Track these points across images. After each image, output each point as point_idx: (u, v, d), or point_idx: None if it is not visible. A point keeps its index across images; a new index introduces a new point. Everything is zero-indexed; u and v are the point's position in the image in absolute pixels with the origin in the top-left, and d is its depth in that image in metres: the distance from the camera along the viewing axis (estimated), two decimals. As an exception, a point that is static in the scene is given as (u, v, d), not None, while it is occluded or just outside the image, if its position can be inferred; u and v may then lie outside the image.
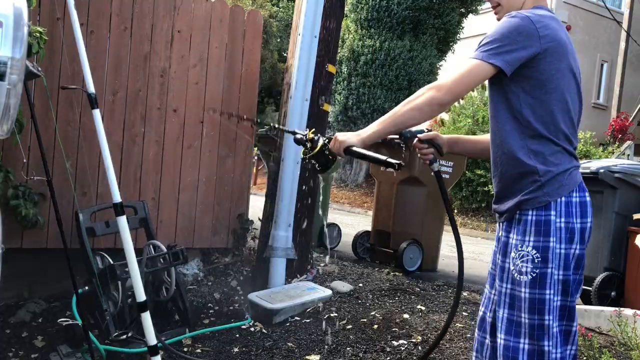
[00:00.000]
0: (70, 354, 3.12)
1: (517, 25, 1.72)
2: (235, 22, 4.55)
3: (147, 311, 2.80)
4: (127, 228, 2.85)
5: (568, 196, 1.75)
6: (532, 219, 1.75)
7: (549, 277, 1.72)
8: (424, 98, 1.75)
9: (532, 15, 1.74)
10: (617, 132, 13.02)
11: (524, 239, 1.75)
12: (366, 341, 3.36)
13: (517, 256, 1.77)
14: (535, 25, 1.72)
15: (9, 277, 3.46)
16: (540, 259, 1.73)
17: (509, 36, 1.71)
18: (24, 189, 3.51)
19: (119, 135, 4.03)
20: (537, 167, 1.75)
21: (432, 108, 1.75)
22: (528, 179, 1.76)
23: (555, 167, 1.75)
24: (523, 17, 1.73)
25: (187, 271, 4.35)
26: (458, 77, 1.73)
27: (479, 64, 1.72)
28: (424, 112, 1.75)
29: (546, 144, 1.76)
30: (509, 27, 1.73)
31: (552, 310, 1.73)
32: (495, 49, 1.71)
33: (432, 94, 1.73)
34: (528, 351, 1.74)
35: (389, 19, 12.73)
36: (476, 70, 1.73)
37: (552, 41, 1.73)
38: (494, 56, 1.71)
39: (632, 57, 14.86)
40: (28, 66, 2.29)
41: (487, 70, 1.72)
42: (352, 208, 12.52)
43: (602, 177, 4.63)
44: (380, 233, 5.80)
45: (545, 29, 1.73)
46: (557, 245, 1.74)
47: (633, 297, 4.49)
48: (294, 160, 4.18)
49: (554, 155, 1.76)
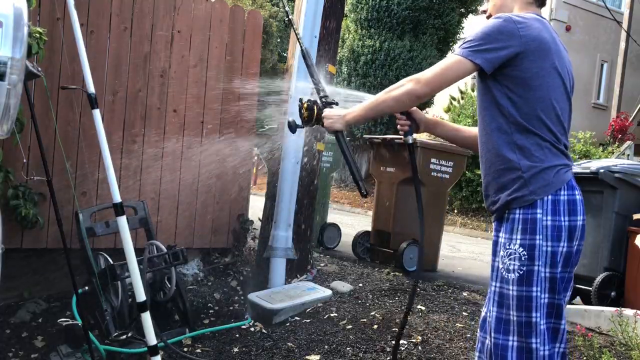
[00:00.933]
0: (70, 354, 3.12)
1: (499, 25, 1.78)
2: (235, 22, 4.55)
3: (147, 311, 2.80)
4: (127, 228, 2.85)
5: (555, 194, 1.77)
6: (519, 217, 1.78)
7: (535, 275, 1.75)
8: (403, 89, 1.85)
9: (515, 16, 1.81)
10: (617, 132, 13.02)
11: (512, 237, 1.78)
12: (366, 341, 3.36)
13: (505, 254, 1.80)
14: (517, 25, 1.77)
15: (9, 277, 3.47)
16: (527, 257, 1.75)
17: (490, 35, 1.77)
18: (24, 189, 3.51)
19: (119, 135, 4.03)
20: (519, 163, 1.78)
21: (410, 99, 1.86)
22: (511, 175, 1.79)
23: (540, 163, 1.77)
24: (506, 17, 1.80)
25: (187, 271, 4.35)
26: (439, 71, 1.81)
27: (459, 60, 1.79)
28: (402, 102, 1.88)
29: (531, 140, 1.78)
30: (492, 26, 1.79)
31: (539, 308, 1.75)
32: (476, 46, 1.77)
33: (411, 86, 1.83)
34: (517, 348, 1.76)
35: (389, 19, 12.73)
36: (456, 66, 1.79)
37: (533, 41, 1.77)
38: (475, 54, 1.77)
39: (632, 57, 14.85)
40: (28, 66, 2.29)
41: (467, 66, 1.79)
42: (352, 208, 12.52)
43: (602, 177, 4.63)
44: (380, 233, 5.80)
45: (526, 29, 1.77)
46: (543, 243, 1.75)
47: (633, 297, 4.48)
48: (294, 160, 4.19)
49: (540, 151, 1.78)
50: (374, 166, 5.97)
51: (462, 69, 1.79)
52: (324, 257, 5.53)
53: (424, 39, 12.91)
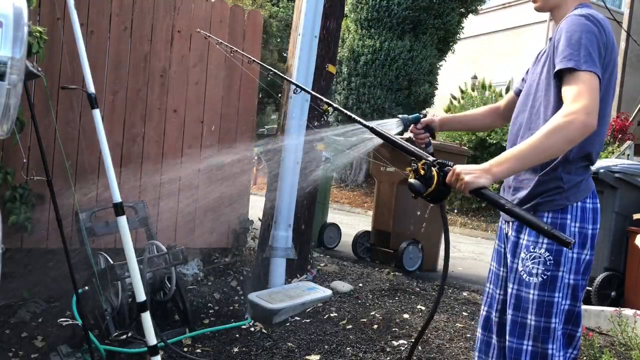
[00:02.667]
0: (70, 354, 3.12)
1: (590, 28, 1.65)
2: (235, 22, 4.55)
3: (147, 311, 2.79)
4: (127, 228, 2.85)
5: (583, 201, 1.75)
6: (547, 221, 1.74)
7: (559, 281, 1.72)
8: (577, 126, 1.56)
9: (597, 15, 1.69)
10: (617, 132, 13.00)
11: (537, 240, 1.74)
12: (366, 341, 3.36)
13: (527, 257, 1.76)
14: (603, 29, 1.67)
15: (9, 277, 3.48)
16: (553, 262, 1.72)
17: (591, 41, 1.63)
18: (23, 190, 3.50)
19: (119, 135, 4.03)
20: (562, 176, 1.74)
21: (585, 134, 1.59)
22: (550, 184, 1.75)
23: (580, 177, 1.76)
24: (593, 19, 1.67)
25: (187, 271, 4.35)
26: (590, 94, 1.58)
27: (592, 76, 1.61)
28: (576, 142, 1.60)
29: (581, 155, 1.74)
30: (587, 29, 1.65)
31: (558, 314, 1.73)
32: (588, 55, 1.62)
33: (583, 119, 1.55)
34: (531, 353, 1.73)
35: (389, 19, 12.73)
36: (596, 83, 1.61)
37: (612, 46, 1.69)
38: (594, 65, 1.61)
39: (632, 57, 14.85)
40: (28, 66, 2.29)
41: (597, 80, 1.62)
42: (352, 208, 12.51)
43: (602, 177, 4.63)
44: (380, 233, 5.80)
45: (608, 33, 1.69)
46: (570, 250, 1.73)
47: (633, 297, 4.49)
48: (294, 160, 4.18)
49: (582, 165, 1.77)
50: (374, 166, 5.97)
51: (596, 83, 1.61)
52: (324, 257, 5.53)
53: (424, 38, 12.91)
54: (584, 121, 1.55)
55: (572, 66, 1.61)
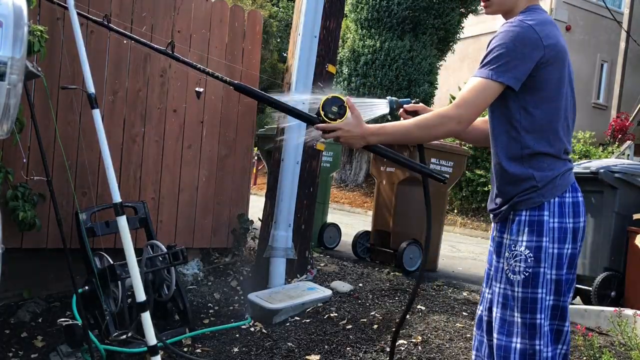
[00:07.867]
0: (70, 354, 3.13)
1: (522, 37, 1.68)
2: (235, 22, 4.55)
3: (147, 311, 2.80)
4: (127, 228, 2.85)
5: (561, 196, 1.77)
6: (525, 219, 1.77)
7: (541, 277, 1.74)
8: (445, 130, 1.78)
9: (534, 23, 1.71)
10: (617, 132, 13.00)
11: (517, 239, 1.77)
12: (366, 341, 3.36)
13: (510, 256, 1.79)
14: (539, 35, 1.69)
15: (9, 277, 3.46)
16: (533, 259, 1.74)
17: (515, 49, 1.67)
18: (24, 189, 3.50)
19: (119, 135, 4.03)
20: (533, 174, 1.76)
21: (449, 136, 1.89)
22: (525, 185, 1.77)
23: (551, 172, 1.77)
24: (524, 26, 1.70)
25: (187, 271, 4.35)
26: (470, 101, 1.71)
27: (486, 84, 1.69)
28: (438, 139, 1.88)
29: (544, 150, 1.76)
30: (514, 38, 1.68)
31: (543, 310, 1.75)
32: (503, 65, 1.68)
33: (452, 126, 1.75)
34: (520, 350, 1.75)
35: (389, 19, 12.73)
36: (486, 92, 1.70)
37: (554, 49, 1.71)
38: (503, 73, 1.68)
39: (632, 57, 14.83)
40: (28, 66, 2.29)
41: (495, 89, 1.69)
42: (352, 208, 12.51)
43: (602, 177, 4.62)
44: (380, 233, 5.79)
45: (547, 37, 1.71)
46: (550, 245, 1.75)
47: (633, 297, 4.48)
48: (294, 160, 4.18)
49: (552, 161, 1.78)
50: (374, 166, 5.96)
51: (491, 93, 1.70)
52: (324, 257, 5.53)
53: (424, 39, 12.91)
54: (451, 129, 1.76)
55: (475, 74, 1.73)
